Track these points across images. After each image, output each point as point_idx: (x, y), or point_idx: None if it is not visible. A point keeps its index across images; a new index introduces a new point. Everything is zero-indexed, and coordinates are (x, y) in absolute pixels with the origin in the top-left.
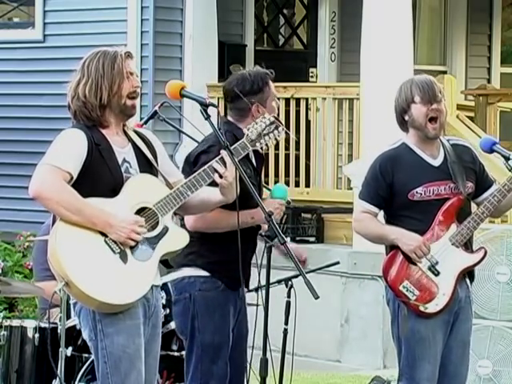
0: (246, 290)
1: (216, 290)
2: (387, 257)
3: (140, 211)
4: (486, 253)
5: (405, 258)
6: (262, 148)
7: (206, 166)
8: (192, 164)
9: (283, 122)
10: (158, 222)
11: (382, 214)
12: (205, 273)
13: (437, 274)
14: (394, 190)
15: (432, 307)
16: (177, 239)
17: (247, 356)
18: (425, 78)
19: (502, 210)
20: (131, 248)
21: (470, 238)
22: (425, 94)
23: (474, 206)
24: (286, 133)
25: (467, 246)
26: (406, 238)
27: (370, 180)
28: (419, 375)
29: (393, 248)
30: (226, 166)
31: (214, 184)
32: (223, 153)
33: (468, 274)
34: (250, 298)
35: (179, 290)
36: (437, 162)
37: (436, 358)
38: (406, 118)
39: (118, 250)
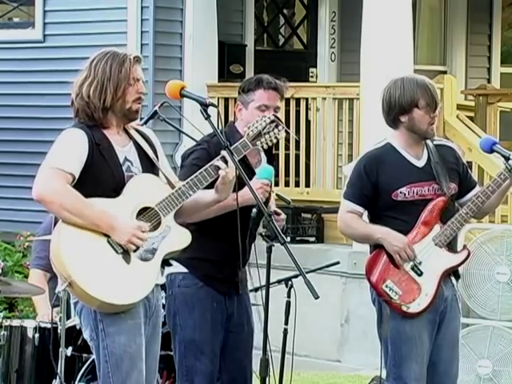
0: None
1: (195, 286)
2: (371, 256)
3: (142, 211)
4: (469, 253)
5: (388, 258)
6: (262, 147)
7: (207, 166)
8: (181, 162)
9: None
10: (160, 222)
11: (365, 214)
12: (184, 269)
13: (420, 274)
14: (379, 189)
15: (414, 307)
16: (179, 239)
17: (252, 356)
18: (428, 81)
19: (485, 212)
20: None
21: (453, 238)
22: (432, 101)
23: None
24: (286, 132)
25: (451, 246)
26: (391, 238)
27: (355, 180)
28: (406, 375)
29: (376, 247)
30: (227, 164)
31: (211, 186)
32: (224, 152)
33: (453, 272)
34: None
35: (166, 287)
36: (420, 163)
37: (423, 358)
38: (403, 119)
39: (121, 251)
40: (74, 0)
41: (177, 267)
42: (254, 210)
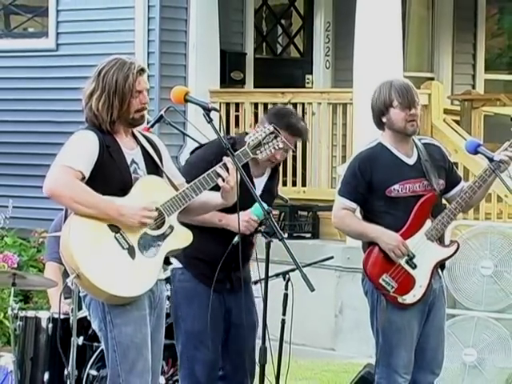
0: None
1: (193, 281)
2: (367, 251)
3: None
4: (458, 246)
5: (383, 253)
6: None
7: (210, 171)
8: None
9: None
10: (164, 222)
11: (358, 209)
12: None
13: (414, 267)
14: (373, 187)
15: (410, 298)
16: (181, 238)
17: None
18: (403, 82)
19: (472, 205)
20: (139, 245)
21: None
22: (404, 99)
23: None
24: (283, 143)
25: (441, 239)
26: (385, 237)
27: (350, 178)
28: (395, 362)
29: (371, 243)
30: (228, 171)
31: (215, 188)
32: (226, 159)
33: (440, 264)
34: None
35: (170, 280)
36: (411, 161)
37: (412, 346)
38: (384, 120)
39: (127, 246)
40: (85, 11)
41: (176, 263)
42: (236, 239)
